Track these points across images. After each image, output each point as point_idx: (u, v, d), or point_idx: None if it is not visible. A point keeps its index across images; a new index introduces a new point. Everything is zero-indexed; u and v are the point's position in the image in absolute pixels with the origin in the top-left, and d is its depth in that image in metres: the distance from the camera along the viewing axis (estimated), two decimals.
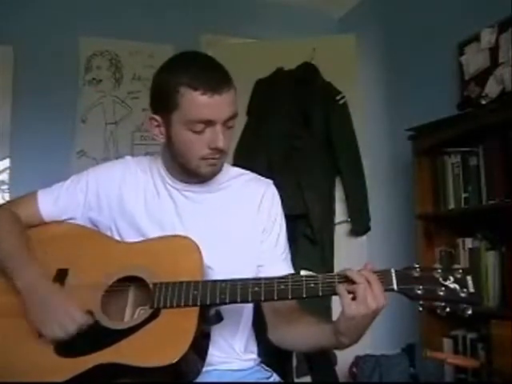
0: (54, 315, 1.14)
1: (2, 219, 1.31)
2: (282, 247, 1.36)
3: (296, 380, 2.01)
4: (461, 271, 1.05)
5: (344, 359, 2.45)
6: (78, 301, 1.17)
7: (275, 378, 1.32)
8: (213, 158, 1.23)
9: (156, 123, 1.25)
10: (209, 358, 1.17)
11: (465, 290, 1.03)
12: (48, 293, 1.18)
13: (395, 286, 1.06)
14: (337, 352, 1.87)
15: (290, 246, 1.40)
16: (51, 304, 1.16)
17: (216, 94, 1.17)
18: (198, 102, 1.17)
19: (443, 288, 1.03)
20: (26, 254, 1.25)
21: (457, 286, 1.03)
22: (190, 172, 1.28)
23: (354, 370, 2.55)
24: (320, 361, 1.34)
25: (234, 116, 1.22)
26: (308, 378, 1.44)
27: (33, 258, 1.25)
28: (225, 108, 1.19)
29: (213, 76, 1.18)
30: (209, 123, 1.19)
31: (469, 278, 1.04)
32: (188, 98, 1.17)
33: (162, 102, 1.21)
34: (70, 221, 1.35)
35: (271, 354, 1.38)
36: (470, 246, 2.38)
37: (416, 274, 1.06)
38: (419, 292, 1.04)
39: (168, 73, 1.22)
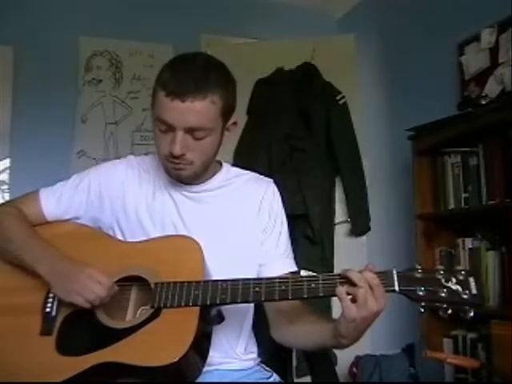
0: (78, 282, 1.15)
1: (9, 214, 1.31)
2: (283, 246, 1.36)
3: (296, 380, 2.01)
4: (463, 272, 1.03)
5: (344, 359, 2.46)
6: None
7: (275, 378, 1.32)
8: (173, 162, 1.23)
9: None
10: (209, 359, 1.17)
11: (467, 291, 1.01)
12: (70, 266, 1.19)
13: (397, 288, 1.05)
14: (337, 352, 1.88)
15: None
16: (75, 274, 1.16)
17: (178, 100, 1.16)
18: (161, 102, 1.18)
19: (445, 289, 1.02)
20: (39, 242, 1.26)
21: (459, 288, 1.02)
22: (166, 172, 1.30)
23: (354, 369, 2.55)
24: (320, 361, 1.33)
25: (201, 128, 1.19)
26: (308, 378, 1.44)
27: (47, 244, 1.25)
28: (186, 116, 1.17)
29: (184, 82, 1.16)
30: (169, 126, 1.19)
31: (471, 279, 1.02)
32: (157, 96, 1.20)
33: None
34: (74, 220, 1.35)
35: (271, 354, 1.39)
36: (470, 246, 2.38)
37: (418, 275, 1.05)
38: (421, 293, 1.03)
39: (160, 70, 1.24)
